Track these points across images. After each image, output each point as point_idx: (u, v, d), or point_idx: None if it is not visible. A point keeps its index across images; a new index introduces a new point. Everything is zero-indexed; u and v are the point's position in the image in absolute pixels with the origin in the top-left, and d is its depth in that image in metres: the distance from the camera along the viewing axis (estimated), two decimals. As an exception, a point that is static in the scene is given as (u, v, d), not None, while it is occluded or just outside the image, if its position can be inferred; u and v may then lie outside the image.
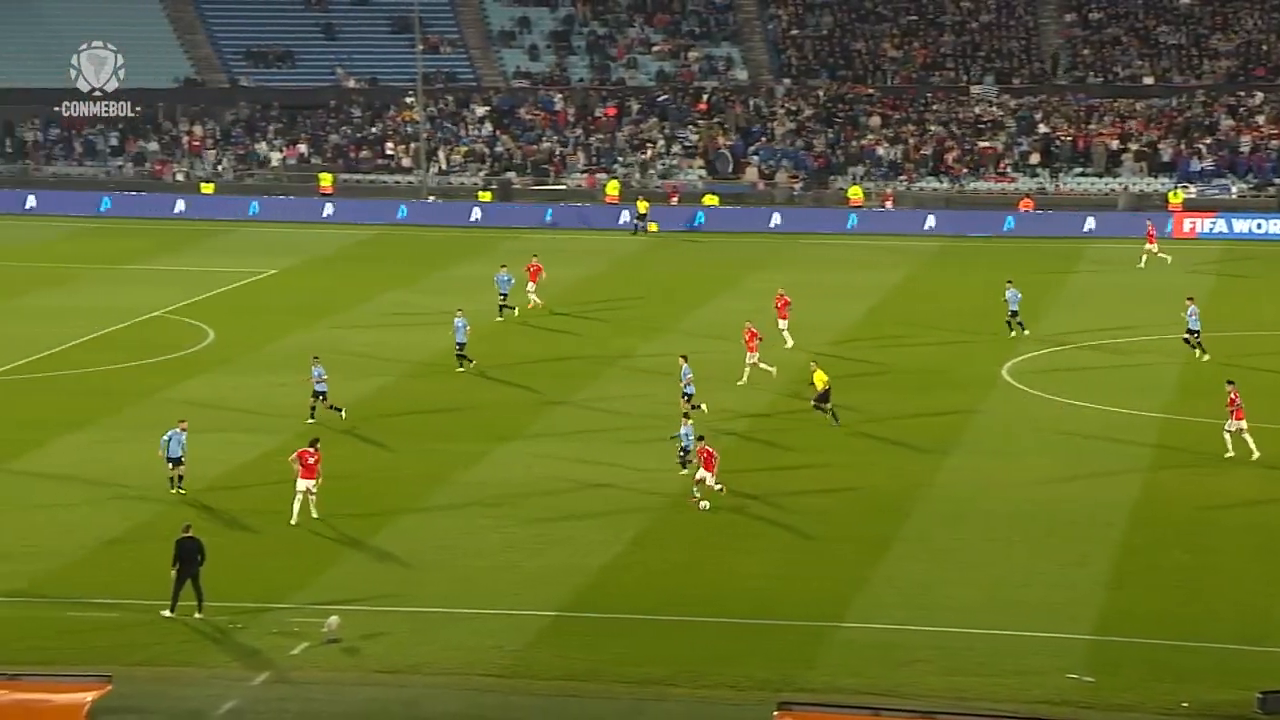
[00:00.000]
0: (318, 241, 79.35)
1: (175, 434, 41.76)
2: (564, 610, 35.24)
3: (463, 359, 53.70)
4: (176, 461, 41.76)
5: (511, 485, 43.26)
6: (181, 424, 42.01)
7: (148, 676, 31.62)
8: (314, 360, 48.72)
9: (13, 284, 67.89)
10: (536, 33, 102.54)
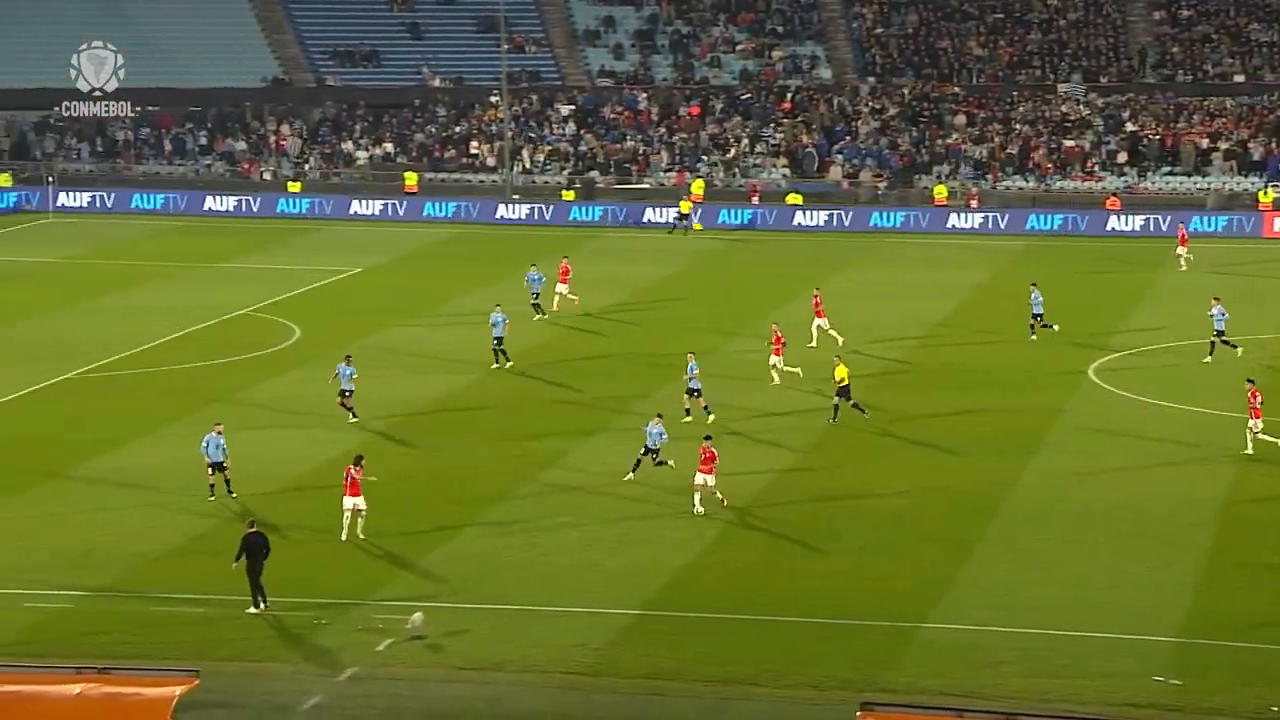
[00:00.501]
0: (403, 240, 79.78)
1: (213, 437, 41.45)
2: (646, 609, 35.27)
3: (500, 354, 53.77)
4: (218, 466, 41.36)
5: (593, 483, 43.33)
6: (217, 427, 41.84)
7: (234, 672, 31.88)
8: (346, 360, 48.90)
9: (102, 282, 68.62)
10: (621, 32, 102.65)
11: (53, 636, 33.39)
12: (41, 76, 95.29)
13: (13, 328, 60.35)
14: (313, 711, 30.80)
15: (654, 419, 43.10)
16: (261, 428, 47.61)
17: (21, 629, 33.69)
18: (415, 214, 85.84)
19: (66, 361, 54.73)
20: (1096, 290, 67.63)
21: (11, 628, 33.70)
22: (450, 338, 58.94)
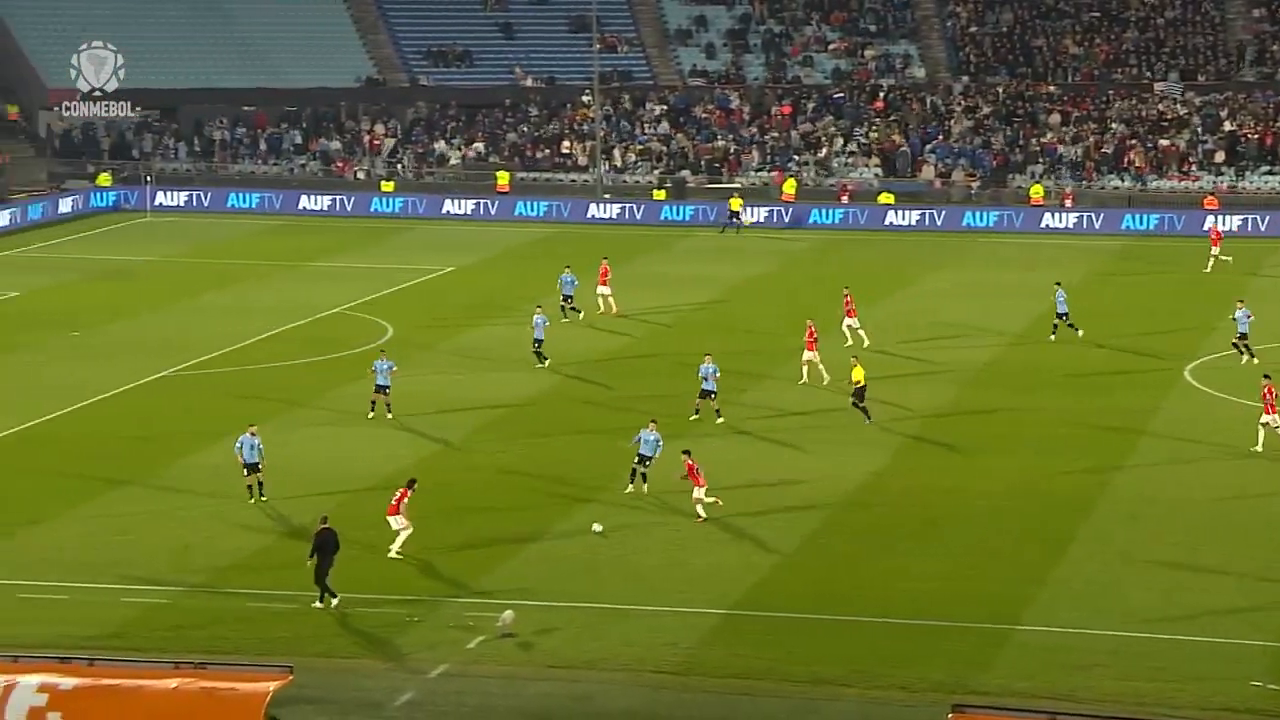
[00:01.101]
0: (494, 239, 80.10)
1: (246, 439, 41.50)
2: (736, 608, 35.26)
3: (539, 355, 53.85)
4: (253, 468, 41.41)
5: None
6: (251, 428, 41.88)
7: (327, 668, 32.13)
8: (380, 354, 49.02)
9: (198, 280, 69.31)
10: (713, 31, 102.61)
11: (151, 631, 33.79)
12: (142, 77, 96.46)
13: (112, 325, 61.10)
14: (404, 708, 30.99)
15: (648, 425, 42.33)
16: (353, 425, 47.95)
17: (121, 623, 34.11)
18: (507, 213, 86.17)
19: (164, 359, 55.35)
20: (1193, 290, 66.96)
21: (111, 622, 34.13)
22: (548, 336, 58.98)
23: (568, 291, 60.72)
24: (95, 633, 33.36)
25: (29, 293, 66.61)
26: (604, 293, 61.97)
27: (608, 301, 61.95)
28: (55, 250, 76.76)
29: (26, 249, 76.53)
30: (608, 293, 61.94)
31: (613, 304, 61.81)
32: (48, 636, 32.89)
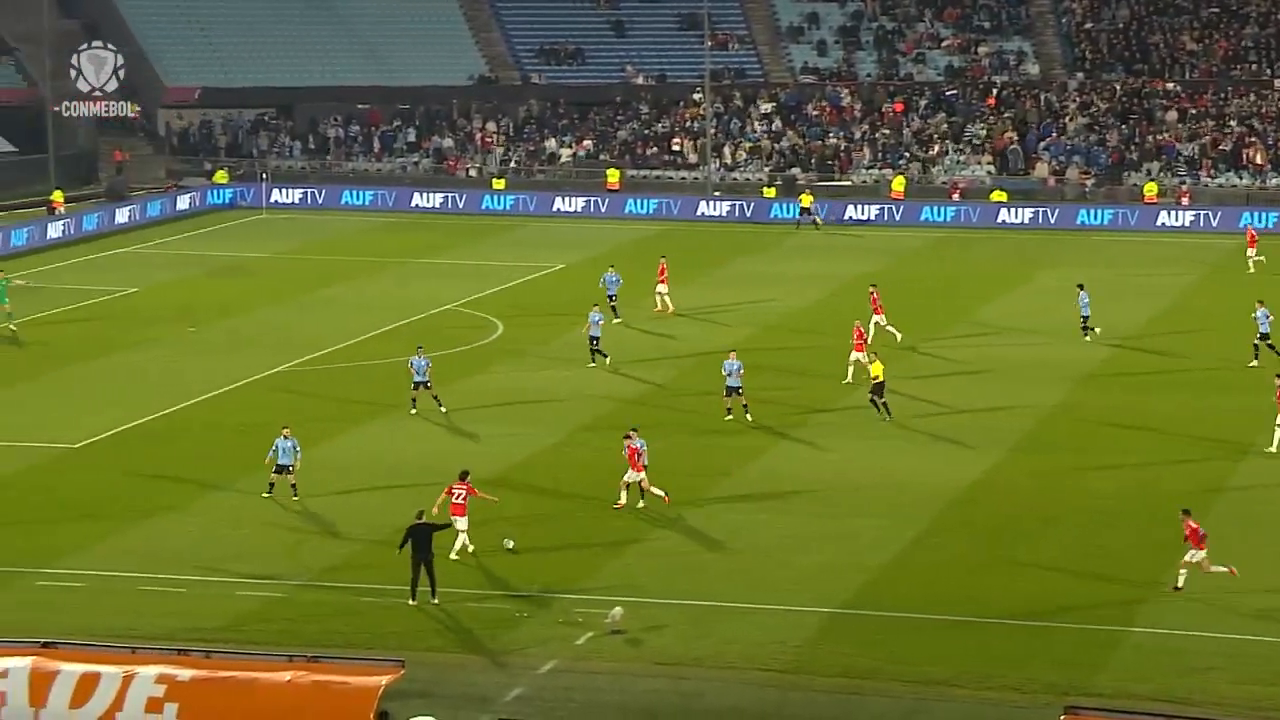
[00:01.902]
0: (605, 236, 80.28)
1: (281, 442, 41.58)
2: (844, 607, 35.16)
3: (596, 354, 53.92)
4: (285, 469, 41.49)
5: (792, 481, 43.30)
6: (284, 430, 41.97)
7: (437, 662, 32.35)
8: (418, 350, 49.22)
9: (313, 277, 69.98)
10: (825, 28, 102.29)
11: (266, 624, 34.18)
12: (259, 75, 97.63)
13: (227, 321, 61.82)
14: (514, 703, 31.15)
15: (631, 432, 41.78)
16: (464, 422, 48.24)
17: (236, 616, 34.53)
18: (617, 211, 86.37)
19: (279, 354, 55.97)
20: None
21: (226, 615, 34.56)
22: (650, 334, 59.16)
23: (611, 291, 60.61)
24: (211, 625, 33.79)
25: (147, 289, 67.56)
26: (661, 291, 62.07)
27: (664, 300, 62.01)
28: (173, 247, 77.81)
29: (145, 245, 77.61)
30: (665, 291, 62.01)
31: (668, 302, 61.90)
32: (165, 629, 33.36)
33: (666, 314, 61.45)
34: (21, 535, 39.29)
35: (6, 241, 75.16)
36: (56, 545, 38.54)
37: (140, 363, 55.36)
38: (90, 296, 65.68)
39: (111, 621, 33.84)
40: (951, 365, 54.64)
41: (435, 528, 35.41)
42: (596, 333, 54.22)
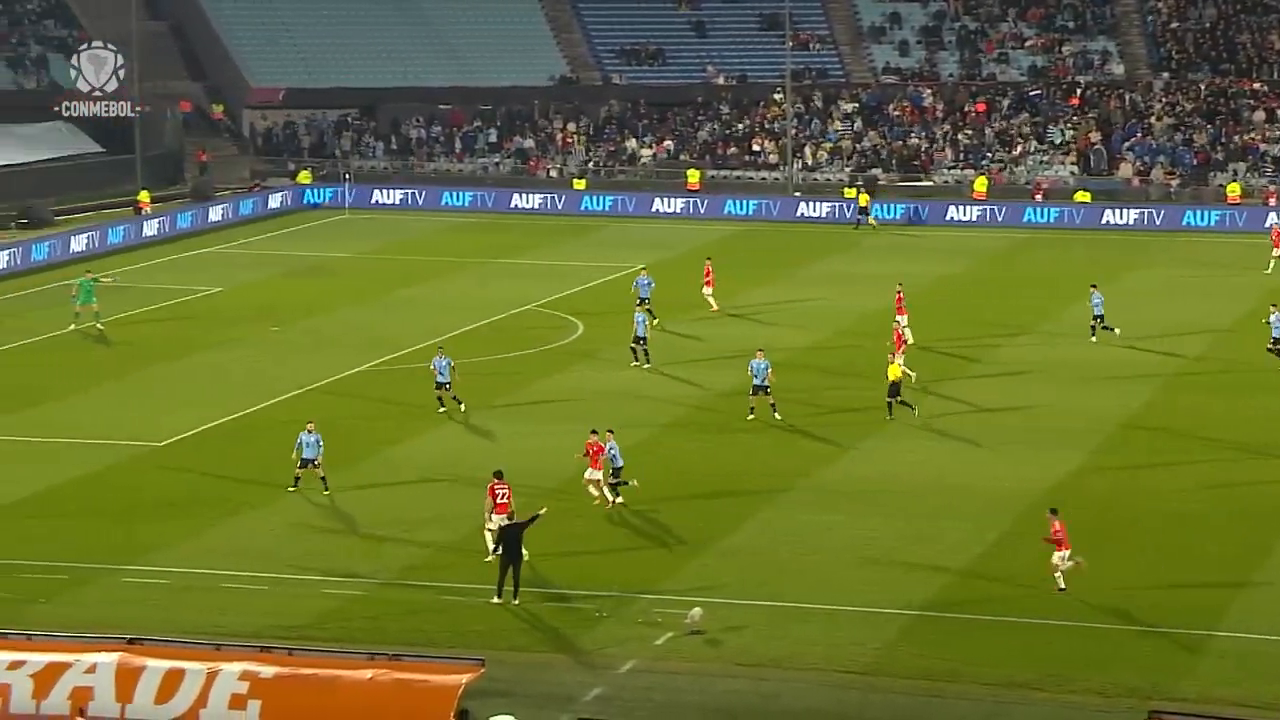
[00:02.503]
0: (685, 236, 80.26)
1: (304, 436, 41.97)
2: (924, 609, 35.04)
3: (643, 354, 53.99)
4: (309, 463, 41.83)
5: (871, 482, 43.18)
6: (309, 425, 42.31)
7: (518, 661, 32.45)
8: (439, 351, 49.34)
9: (394, 276, 70.35)
10: (907, 28, 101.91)
11: (348, 622, 34.39)
12: (342, 76, 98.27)
13: (310, 320, 62.25)
14: (594, 703, 31.21)
15: (607, 435, 41.41)
16: (544, 421, 48.38)
17: (319, 614, 34.77)
18: (697, 211, 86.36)
19: (362, 354, 56.30)
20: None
21: (310, 613, 34.80)
22: (730, 333, 59.14)
23: (644, 294, 60.37)
24: (294, 623, 34.03)
25: (231, 288, 68.12)
26: (707, 293, 62.13)
27: (709, 302, 62.12)
28: (256, 247, 78.42)
29: (229, 245, 78.26)
30: (710, 293, 62.08)
31: (713, 303, 61.97)
32: (249, 626, 33.64)
33: (716, 313, 61.57)
34: (108, 532, 39.73)
35: (95, 241, 76.01)
36: (142, 542, 38.95)
37: (224, 362, 55.84)
38: (175, 296, 66.31)
39: (195, 618, 34.16)
40: (1032, 366, 54.33)
41: (524, 526, 35.53)
42: (642, 332, 54.25)
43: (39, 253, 72.85)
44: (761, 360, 48.14)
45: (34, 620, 33.18)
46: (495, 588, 35.32)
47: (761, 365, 48.02)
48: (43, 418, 48.91)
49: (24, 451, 45.58)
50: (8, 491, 42.30)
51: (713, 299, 62.07)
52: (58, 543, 38.75)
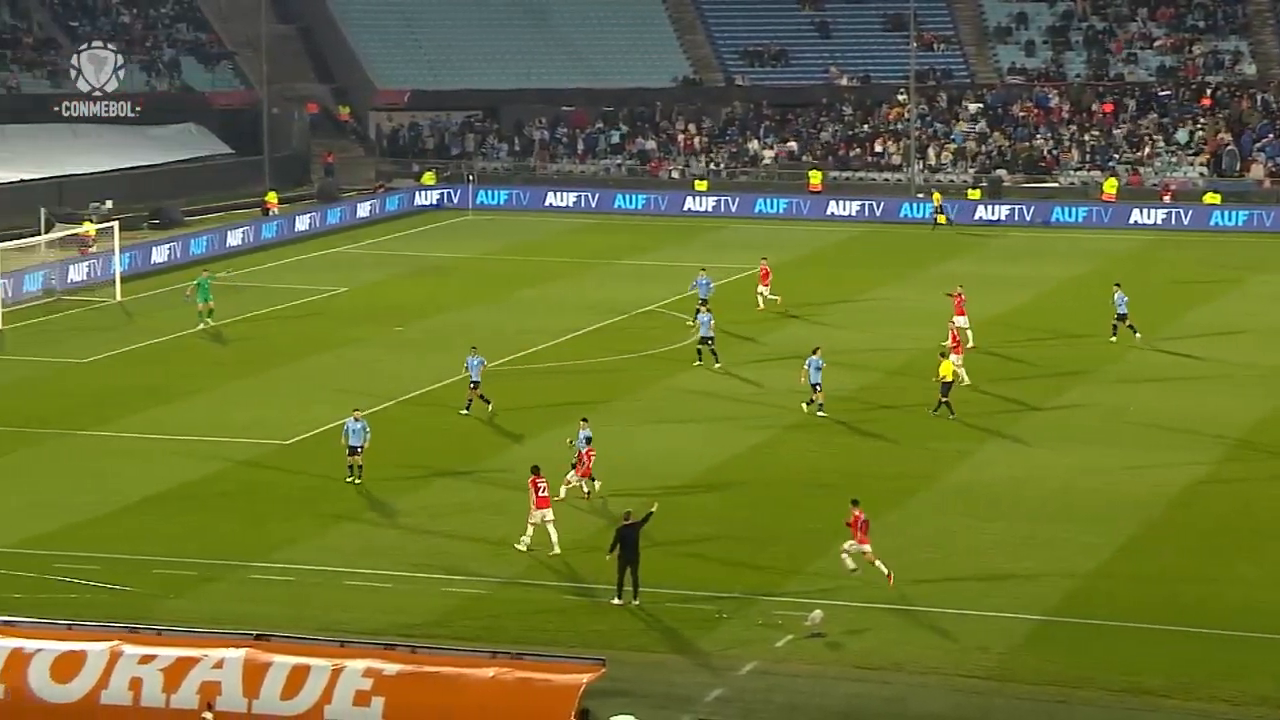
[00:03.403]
0: (806, 238, 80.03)
1: (352, 423, 42.78)
2: (1050, 614, 34.67)
3: (710, 353, 54.07)
4: (355, 450, 42.69)
5: (996, 485, 42.80)
6: (356, 412, 43.14)
7: (638, 662, 32.45)
8: (472, 350, 49.34)
9: (516, 277, 70.65)
10: (1034, 28, 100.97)
11: (470, 620, 34.54)
12: (466, 78, 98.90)
13: (434, 320, 62.67)
14: (714, 704, 31.16)
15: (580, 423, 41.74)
16: (662, 422, 48.37)
17: (441, 612, 34.96)
18: (819, 212, 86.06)
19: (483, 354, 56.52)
20: None
21: (432, 611, 35.00)
22: (852, 336, 58.82)
23: (703, 295, 60.27)
24: (417, 620, 34.24)
25: (356, 288, 68.72)
26: (763, 292, 62.10)
27: (768, 301, 62.02)
28: (381, 247, 79.08)
29: (354, 246, 78.98)
30: (766, 292, 62.11)
31: (771, 299, 62.08)
32: (372, 623, 33.89)
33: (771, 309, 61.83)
34: (236, 529, 40.19)
35: (224, 241, 76.99)
36: (269, 539, 39.37)
37: (348, 361, 56.32)
38: (301, 296, 67.00)
39: (320, 615, 34.47)
40: (1161, 370, 53.64)
41: (641, 525, 35.53)
42: (708, 333, 54.34)
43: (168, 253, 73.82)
44: (817, 358, 48.68)
45: (164, 615, 33.67)
46: (615, 588, 35.34)
47: (817, 362, 48.63)
48: (172, 416, 49.58)
49: (154, 449, 46.24)
50: (139, 489, 42.94)
51: (762, 299, 62.12)
52: (187, 540, 39.25)
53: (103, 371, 55.26)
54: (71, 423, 48.60)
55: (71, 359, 56.66)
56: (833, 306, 64.28)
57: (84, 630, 28.20)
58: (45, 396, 51.94)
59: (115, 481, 43.44)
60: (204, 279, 61.66)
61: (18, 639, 27.51)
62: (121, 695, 26.72)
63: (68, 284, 67.45)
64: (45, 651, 27.13)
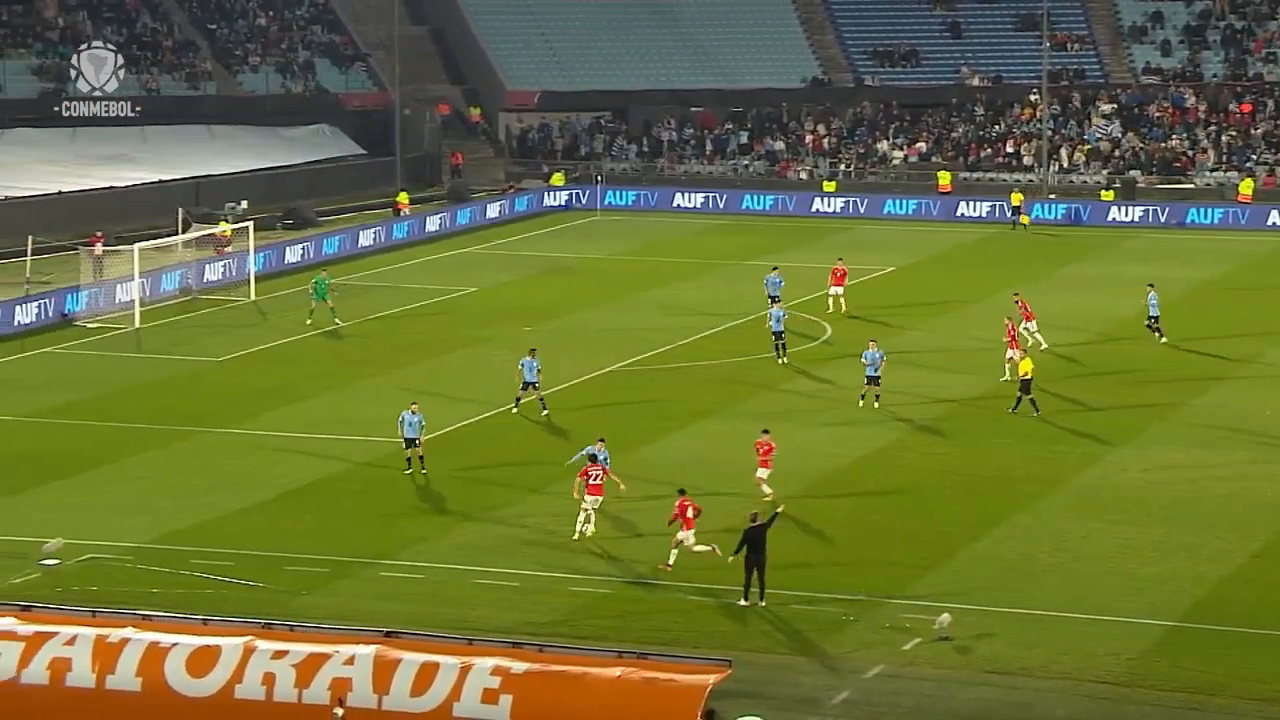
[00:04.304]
0: (935, 239, 79.54)
1: (408, 415, 43.54)
2: (1181, 620, 34.25)
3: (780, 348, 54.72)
4: (411, 442, 43.41)
5: (1127, 490, 42.34)
6: (413, 405, 43.78)
7: (764, 663, 32.43)
8: (531, 353, 49.41)
9: (643, 278, 70.74)
10: (1169, 28, 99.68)
11: (596, 620, 34.68)
12: (595, 79, 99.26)
13: (562, 319, 62.94)
14: (841, 706, 31.08)
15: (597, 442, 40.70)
16: (788, 424, 48.24)
17: (568, 611, 35.13)
18: (949, 213, 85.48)
19: (611, 354, 56.77)
20: None
21: (557, 609, 35.18)
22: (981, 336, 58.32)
23: (773, 293, 60.28)
24: (543, 619, 34.43)
25: (486, 288, 69.18)
26: (836, 293, 61.84)
27: (838, 302, 61.75)
28: (510, 247, 79.56)
29: (484, 246, 79.52)
30: (839, 293, 61.81)
31: (843, 304, 61.77)
32: (499, 621, 34.13)
33: (841, 314, 61.53)
34: (366, 527, 40.62)
35: (355, 241, 77.82)
36: (399, 537, 39.75)
37: (477, 361, 56.72)
38: (430, 295, 67.57)
39: (448, 613, 34.75)
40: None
41: (767, 526, 35.50)
42: (779, 327, 54.88)
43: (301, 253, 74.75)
44: (875, 350, 48.84)
45: (297, 611, 34.11)
46: (742, 589, 35.35)
47: (876, 355, 48.74)
48: (304, 414, 50.21)
49: (286, 447, 46.84)
50: (274, 486, 43.53)
51: (843, 300, 61.86)
52: (318, 537, 39.73)
53: (237, 370, 56.08)
54: (207, 420, 49.36)
55: (207, 357, 57.54)
56: (960, 308, 63.80)
57: (219, 625, 28.66)
58: (181, 395, 52.78)
59: (249, 479, 44.07)
60: (322, 278, 62.47)
61: (155, 633, 27.99)
62: (255, 690, 27.12)
63: (204, 283, 68.52)
64: (181, 646, 27.59)
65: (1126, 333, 58.80)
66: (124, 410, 50.41)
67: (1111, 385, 51.54)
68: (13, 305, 62.27)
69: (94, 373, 55.56)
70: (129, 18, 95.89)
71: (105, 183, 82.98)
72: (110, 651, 27.53)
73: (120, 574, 37.09)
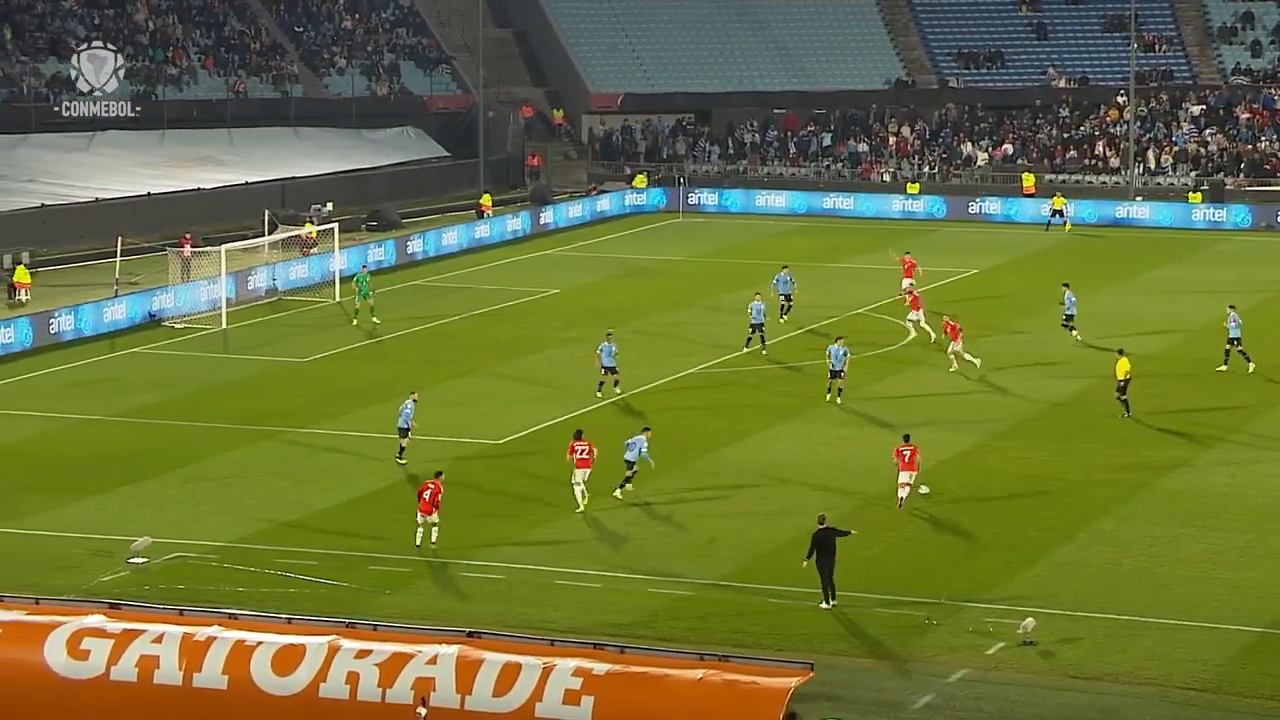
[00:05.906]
0: (1020, 241, 79.06)
1: (411, 404, 44.50)
2: (1269, 627, 33.91)
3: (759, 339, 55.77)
4: (404, 432, 44.24)
5: (1217, 496, 41.94)
6: (413, 395, 44.72)
7: (845, 666, 32.35)
8: (607, 337, 50.59)
9: (725, 280, 70.62)
10: (1260, 28, 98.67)
11: (677, 621, 34.68)
12: (678, 81, 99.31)
13: (644, 321, 62.96)
14: (923, 710, 30.96)
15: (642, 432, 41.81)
16: (871, 426, 48.11)
17: (648, 613, 35.15)
18: (1033, 215, 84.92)
19: (693, 356, 56.79)
20: None
21: (640, 611, 35.21)
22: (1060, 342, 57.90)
23: (784, 290, 60.37)
24: (623, 620, 34.47)
25: (567, 290, 69.32)
26: (907, 285, 61.69)
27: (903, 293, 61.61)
28: (593, 249, 79.69)
29: (566, 248, 79.70)
30: (909, 285, 61.70)
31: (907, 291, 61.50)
32: (579, 622, 34.20)
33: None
34: (449, 527, 40.70)
35: (439, 242, 78.16)
36: (480, 537, 39.89)
37: (559, 362, 56.84)
38: (513, 297, 67.78)
39: (529, 613, 34.84)
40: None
41: (839, 534, 35.40)
42: (759, 319, 55.95)
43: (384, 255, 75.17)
44: (840, 347, 49.72)
45: (380, 611, 34.30)
46: (820, 592, 35.26)
47: (840, 351, 49.59)
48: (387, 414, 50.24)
49: (370, 447, 47.08)
50: (358, 486, 43.81)
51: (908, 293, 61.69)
52: (401, 536, 39.90)
53: (322, 370, 56.47)
54: (292, 420, 49.74)
55: (292, 358, 57.98)
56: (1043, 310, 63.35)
57: (303, 624, 28.87)
58: (267, 394, 53.22)
59: (333, 478, 44.37)
60: (363, 276, 62.90)
61: (241, 631, 28.23)
62: (339, 689, 27.28)
63: (290, 284, 69.03)
64: (267, 644, 27.81)
65: (1214, 336, 58.19)
66: (210, 410, 50.87)
67: (1199, 388, 51.08)
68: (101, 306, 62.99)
69: (181, 373, 56.09)
70: (217, 21, 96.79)
71: (193, 184, 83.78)
72: (197, 649, 27.79)
73: (206, 573, 37.43)
